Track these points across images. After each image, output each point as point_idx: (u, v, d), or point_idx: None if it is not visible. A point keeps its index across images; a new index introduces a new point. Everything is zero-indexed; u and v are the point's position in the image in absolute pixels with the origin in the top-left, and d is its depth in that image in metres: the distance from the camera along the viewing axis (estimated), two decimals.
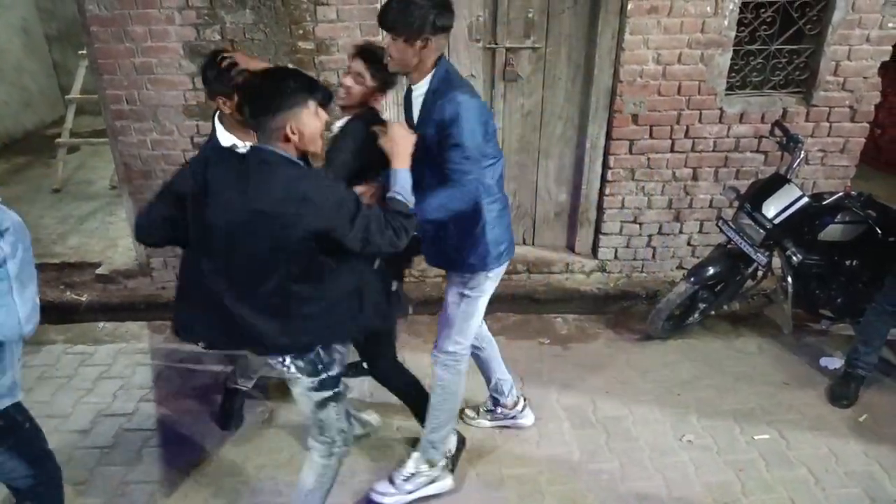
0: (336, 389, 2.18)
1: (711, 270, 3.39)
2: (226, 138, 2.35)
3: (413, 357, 3.46)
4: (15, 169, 5.85)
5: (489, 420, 3.03)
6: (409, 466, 2.62)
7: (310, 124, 1.88)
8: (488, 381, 2.94)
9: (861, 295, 3.25)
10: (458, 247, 2.37)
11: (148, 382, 3.36)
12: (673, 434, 2.99)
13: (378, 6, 3.39)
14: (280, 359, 2.09)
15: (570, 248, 4.23)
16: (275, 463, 2.83)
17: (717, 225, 3.50)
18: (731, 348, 3.61)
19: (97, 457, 2.86)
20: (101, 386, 3.33)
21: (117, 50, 3.46)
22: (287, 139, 1.86)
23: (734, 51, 3.59)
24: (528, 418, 3.02)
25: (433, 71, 2.20)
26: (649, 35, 3.50)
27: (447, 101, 2.12)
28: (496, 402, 2.99)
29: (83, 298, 3.93)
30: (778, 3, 3.54)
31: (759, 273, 3.48)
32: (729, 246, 3.43)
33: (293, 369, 2.10)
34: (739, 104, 3.72)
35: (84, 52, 4.71)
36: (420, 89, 2.24)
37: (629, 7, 3.43)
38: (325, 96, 1.92)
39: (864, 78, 3.65)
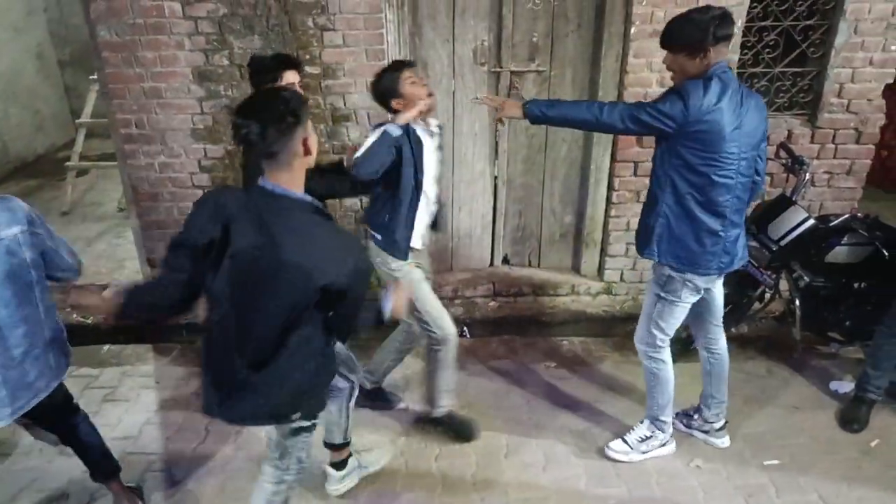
0: (315, 420, 2.14)
1: None
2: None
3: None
4: (26, 191, 5.89)
5: (683, 424, 3.09)
6: (643, 430, 2.93)
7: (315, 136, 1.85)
8: (705, 390, 2.98)
9: (869, 317, 3.21)
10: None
11: (152, 406, 3.36)
12: (681, 459, 2.95)
13: (383, 32, 3.44)
14: None
15: (576, 269, 4.22)
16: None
17: None
18: (739, 371, 3.56)
19: None
20: (107, 409, 3.32)
21: (127, 75, 3.52)
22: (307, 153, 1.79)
23: (738, 74, 3.61)
24: (722, 440, 3.02)
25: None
26: (653, 58, 3.52)
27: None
28: (697, 412, 3.04)
29: (89, 321, 3.94)
30: (781, 27, 3.57)
31: (767, 295, 3.46)
32: None
33: None
34: None
35: (95, 76, 4.77)
36: None
37: (632, 31, 3.47)
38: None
39: (868, 100, 3.66)
